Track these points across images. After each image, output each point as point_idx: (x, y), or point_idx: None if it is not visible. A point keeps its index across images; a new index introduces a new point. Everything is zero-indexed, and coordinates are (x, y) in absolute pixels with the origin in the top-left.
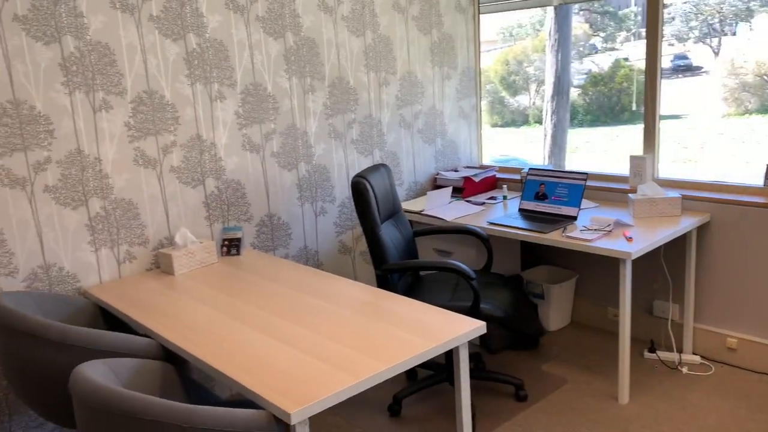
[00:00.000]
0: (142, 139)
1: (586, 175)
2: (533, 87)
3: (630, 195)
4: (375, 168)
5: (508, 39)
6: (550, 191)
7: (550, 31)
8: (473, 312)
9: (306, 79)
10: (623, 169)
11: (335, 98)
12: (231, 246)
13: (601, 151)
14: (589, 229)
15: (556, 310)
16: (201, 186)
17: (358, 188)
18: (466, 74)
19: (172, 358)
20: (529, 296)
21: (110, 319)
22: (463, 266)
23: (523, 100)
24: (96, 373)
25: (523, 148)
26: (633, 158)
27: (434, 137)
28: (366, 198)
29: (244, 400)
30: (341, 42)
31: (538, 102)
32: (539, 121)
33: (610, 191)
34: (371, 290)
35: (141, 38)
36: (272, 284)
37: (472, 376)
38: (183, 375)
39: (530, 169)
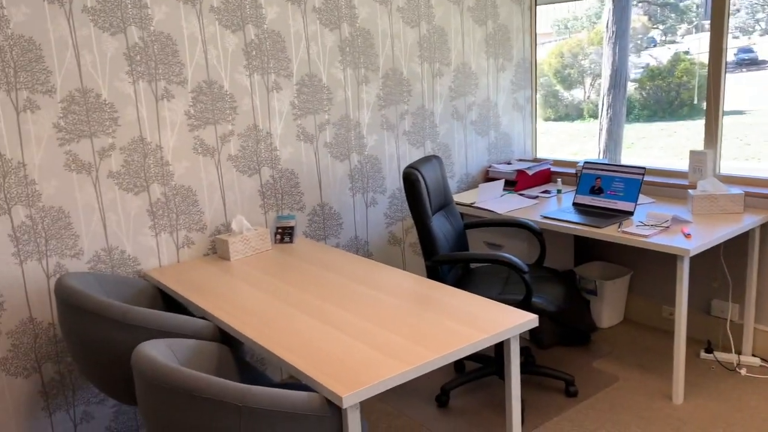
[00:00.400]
0: (202, 128)
1: (643, 170)
2: (588, 81)
3: (689, 191)
4: (427, 159)
5: (563, 32)
6: (606, 185)
7: (607, 23)
8: (525, 306)
9: (360, 70)
10: (681, 165)
11: (388, 89)
12: (284, 234)
13: (657, 147)
14: (646, 225)
15: (609, 307)
16: (257, 175)
17: (410, 179)
18: (521, 66)
19: (227, 340)
20: (582, 292)
21: (168, 301)
22: (516, 259)
23: (577, 94)
24: (157, 351)
25: (578, 142)
26: (693, 153)
27: (487, 129)
28: (417, 189)
29: (296, 383)
30: (396, 33)
31: (593, 96)
32: (594, 116)
33: (668, 187)
34: (421, 280)
35: (202, 29)
36: (324, 272)
37: (521, 371)
38: (238, 357)
39: (586, 162)
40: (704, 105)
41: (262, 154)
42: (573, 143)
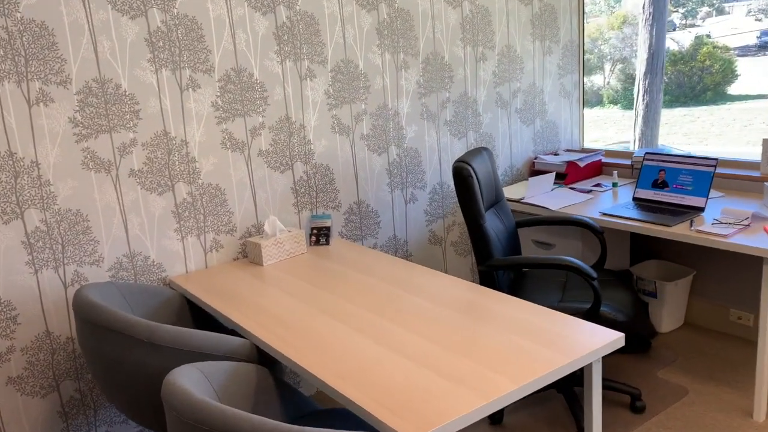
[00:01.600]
0: (230, 120)
1: (716, 161)
2: (608, 66)
3: (766, 183)
4: (477, 152)
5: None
6: (671, 179)
7: (644, 4)
8: (592, 315)
9: (399, 54)
10: (715, 152)
11: (429, 75)
12: (320, 235)
13: (681, 133)
14: (722, 223)
15: (670, 310)
16: (289, 171)
17: (462, 174)
18: (569, 49)
19: (264, 359)
20: (640, 294)
21: (197, 311)
22: (583, 264)
23: (596, 80)
24: (191, 381)
25: (599, 129)
26: None
27: (533, 117)
28: (470, 185)
29: (341, 409)
30: (437, 13)
31: (612, 82)
32: (614, 102)
33: (737, 179)
34: (473, 287)
35: (230, 11)
36: (365, 277)
37: (579, 383)
38: (276, 378)
39: (647, 153)
40: (728, 90)
41: (295, 148)
42: (594, 130)
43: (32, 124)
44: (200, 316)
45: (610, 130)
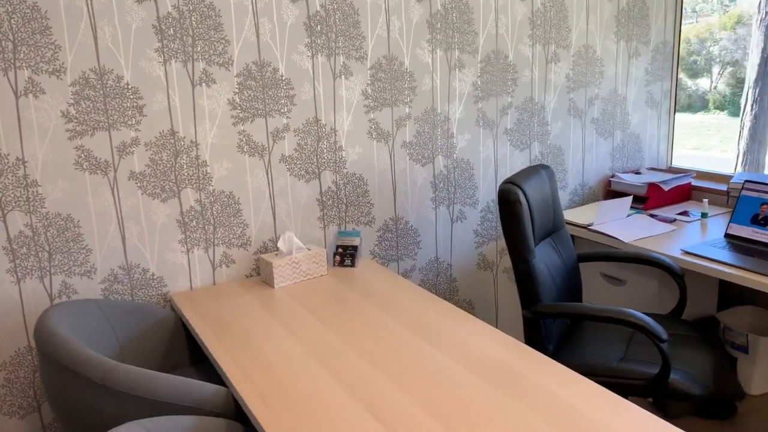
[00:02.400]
0: (249, 121)
1: None
2: (716, 69)
3: None
4: (533, 171)
5: (690, 15)
6: None
7: (759, 3)
8: (659, 384)
9: (453, 52)
10: None
11: (488, 77)
12: (345, 255)
13: None
14: None
15: (764, 369)
16: (316, 180)
17: (508, 199)
18: (660, 51)
19: (241, 413)
20: (727, 346)
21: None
22: (651, 322)
23: (702, 84)
24: None
25: (700, 136)
26: None
27: (612, 129)
28: (517, 213)
29: None
30: (502, 6)
31: (720, 86)
32: (720, 108)
33: None
34: (511, 344)
35: None
36: (384, 316)
37: None
38: None
39: (747, 181)
40: None
41: (324, 154)
42: (693, 137)
43: (19, 117)
44: (197, 343)
45: (713, 139)
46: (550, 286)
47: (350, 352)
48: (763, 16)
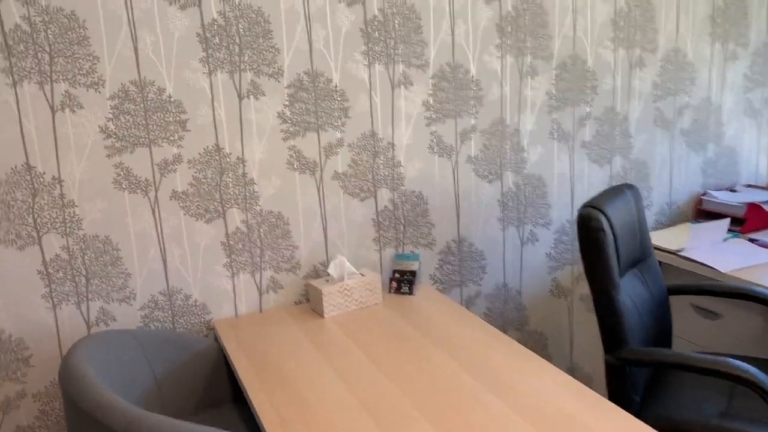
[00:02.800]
0: (300, 135)
1: None
2: None
3: None
4: (617, 192)
5: None
6: None
7: None
8: None
9: (525, 57)
10: None
11: (564, 84)
12: (402, 281)
13: None
14: None
15: None
16: (371, 199)
17: (589, 226)
18: (761, 54)
19: None
20: None
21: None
22: (762, 377)
23: None
24: None
25: None
26: None
27: (705, 142)
28: (599, 242)
29: None
30: (580, 6)
31: None
32: None
33: None
34: (596, 401)
35: (306, 2)
36: (441, 354)
37: None
38: None
39: None
40: None
41: (380, 170)
42: None
43: (55, 133)
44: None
45: None
46: (637, 326)
47: (402, 400)
48: None
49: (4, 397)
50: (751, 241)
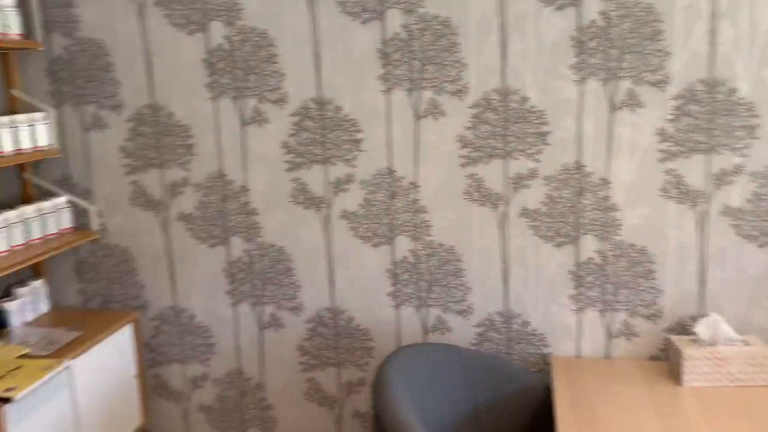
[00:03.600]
0: (684, 156)
1: None
2: None
3: None
4: None
5: None
6: None
7: None
8: None
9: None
10: None
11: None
12: None
13: None
14: None
15: None
16: None
17: None
18: None
19: None
20: None
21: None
22: None
23: None
24: None
25: None
26: None
27: None
28: None
29: None
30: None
31: None
32: None
33: None
34: None
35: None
36: None
37: None
38: None
39: None
40: None
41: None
42: None
43: (418, 140)
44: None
45: None
46: None
47: None
48: None
49: (347, 380)
50: None
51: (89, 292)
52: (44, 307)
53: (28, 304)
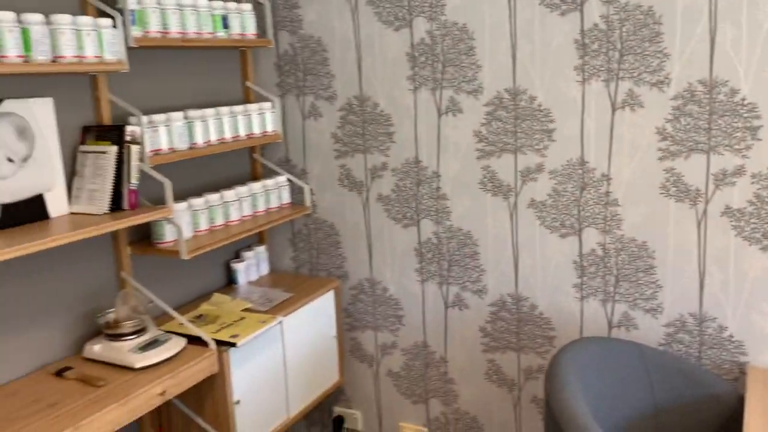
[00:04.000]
0: None
1: None
2: None
3: None
4: None
5: None
6: None
7: None
8: None
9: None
10: None
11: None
12: None
13: None
14: None
15: None
16: None
17: None
18: None
19: None
20: None
21: None
22: None
23: None
24: None
25: None
26: None
27: None
28: None
29: None
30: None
31: None
32: None
33: None
34: None
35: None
36: None
37: None
38: None
39: None
40: None
41: None
42: None
43: (613, 134)
44: None
45: None
46: None
47: None
48: None
49: (526, 366)
50: None
51: (300, 259)
52: (265, 269)
53: (253, 266)
